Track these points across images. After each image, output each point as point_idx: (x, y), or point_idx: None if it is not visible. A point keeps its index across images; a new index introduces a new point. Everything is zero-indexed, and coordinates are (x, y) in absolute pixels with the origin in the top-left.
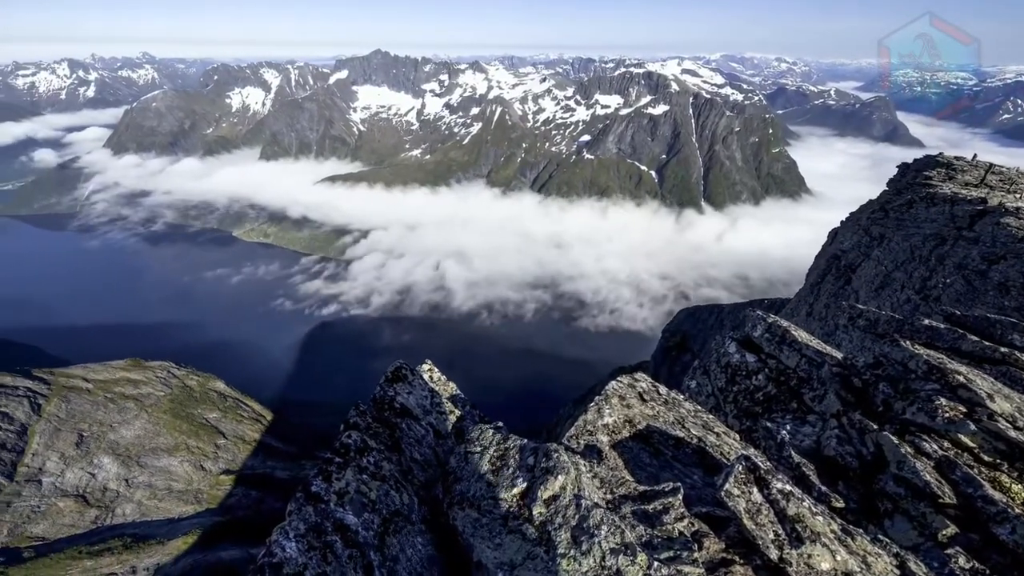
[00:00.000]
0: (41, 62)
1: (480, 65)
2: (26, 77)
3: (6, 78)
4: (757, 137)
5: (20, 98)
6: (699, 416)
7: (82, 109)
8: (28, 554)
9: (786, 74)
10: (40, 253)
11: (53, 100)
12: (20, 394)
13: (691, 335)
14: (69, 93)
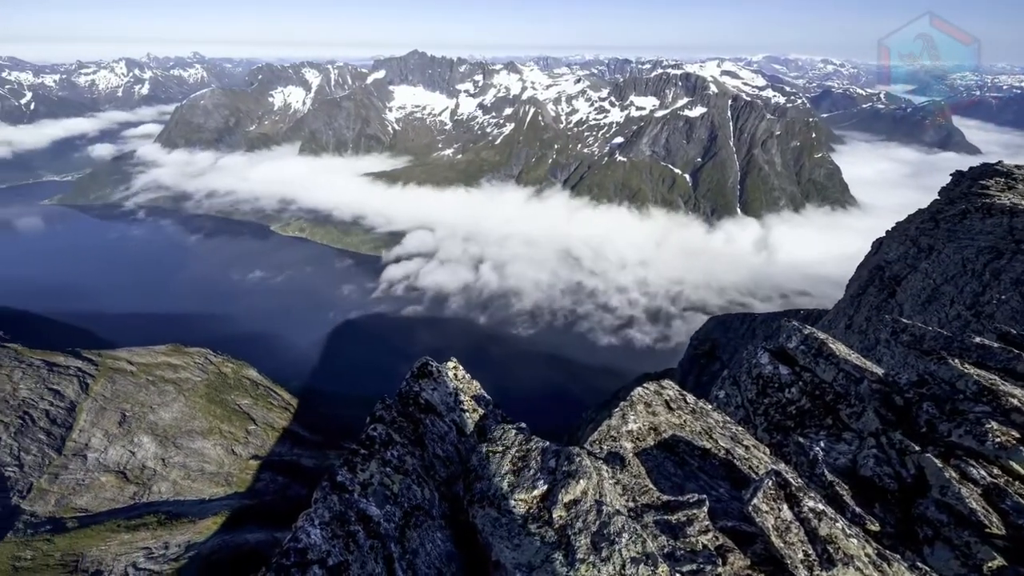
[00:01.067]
0: (101, 61)
1: (515, 66)
2: (87, 75)
3: (69, 76)
4: (799, 141)
5: (82, 95)
6: (728, 427)
7: (137, 106)
8: (72, 524)
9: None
10: (93, 241)
11: (111, 97)
12: (71, 373)
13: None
14: (125, 91)
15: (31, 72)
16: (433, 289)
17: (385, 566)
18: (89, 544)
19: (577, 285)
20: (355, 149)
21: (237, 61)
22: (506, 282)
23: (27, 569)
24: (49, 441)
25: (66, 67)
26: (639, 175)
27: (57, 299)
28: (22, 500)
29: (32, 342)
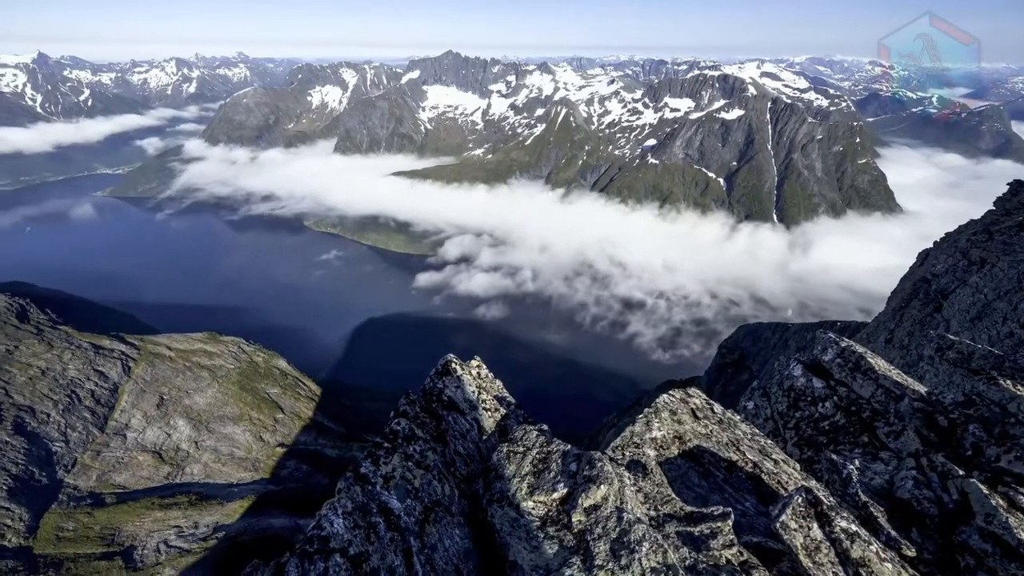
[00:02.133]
0: (153, 61)
1: (548, 66)
2: (140, 74)
3: (124, 74)
4: (842, 146)
5: (135, 93)
6: (756, 440)
7: (184, 104)
8: (110, 500)
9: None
10: (138, 232)
11: (161, 95)
12: (115, 356)
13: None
14: (174, 89)
15: (90, 71)
16: (458, 288)
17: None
18: (125, 520)
19: (603, 288)
20: (388, 148)
21: (279, 61)
22: (532, 283)
23: (69, 540)
24: (93, 420)
25: (121, 66)
26: (671, 178)
27: (104, 286)
28: (67, 474)
29: (81, 325)
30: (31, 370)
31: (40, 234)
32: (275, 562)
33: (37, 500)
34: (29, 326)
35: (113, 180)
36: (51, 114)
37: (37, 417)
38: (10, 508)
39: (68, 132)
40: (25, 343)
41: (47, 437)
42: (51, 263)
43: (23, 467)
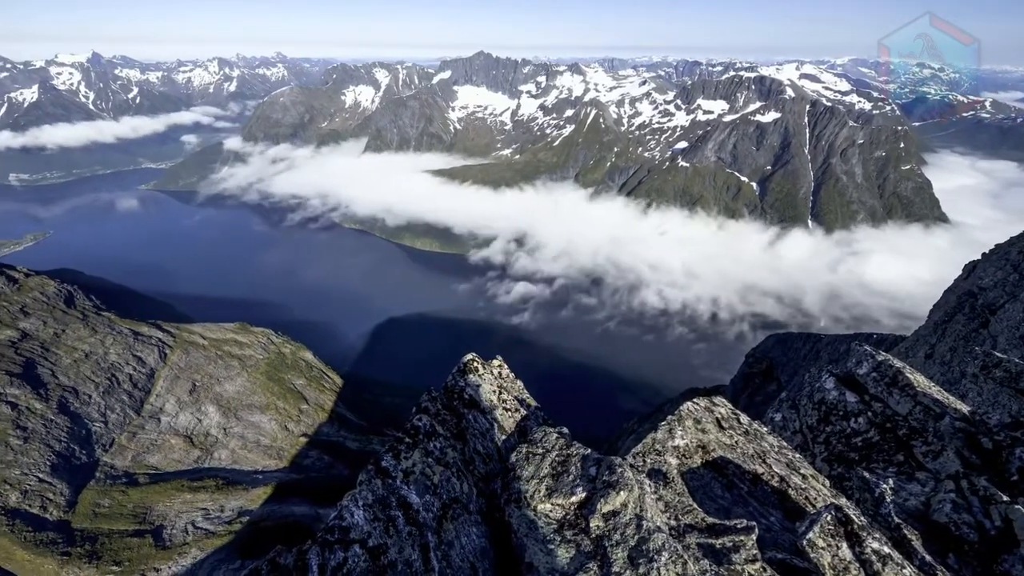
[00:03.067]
0: (197, 60)
1: (579, 67)
2: (185, 73)
3: (170, 73)
4: (884, 151)
5: (179, 91)
6: (783, 453)
7: (225, 102)
8: (143, 480)
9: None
10: (177, 225)
11: (203, 93)
12: (153, 343)
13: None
14: (216, 87)
15: (138, 70)
16: (482, 289)
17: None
18: (157, 499)
19: (628, 292)
20: (417, 147)
21: (315, 61)
22: (556, 285)
23: (104, 516)
24: (130, 402)
25: (168, 65)
26: (702, 181)
27: (144, 275)
28: (104, 453)
29: (122, 312)
30: (76, 353)
31: (87, 224)
32: (297, 549)
33: (76, 477)
34: (75, 311)
35: (157, 174)
36: (102, 111)
37: (80, 398)
38: (52, 483)
39: (117, 128)
40: (71, 327)
41: (88, 417)
42: (97, 252)
43: (65, 444)
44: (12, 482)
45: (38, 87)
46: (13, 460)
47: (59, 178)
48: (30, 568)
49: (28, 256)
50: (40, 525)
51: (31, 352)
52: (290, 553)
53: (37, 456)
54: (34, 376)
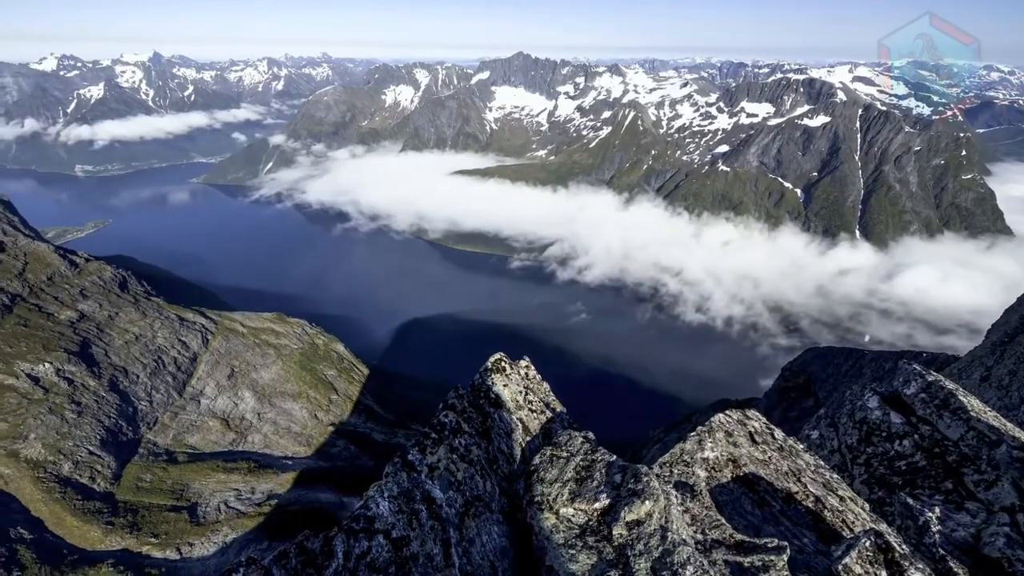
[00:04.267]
0: (248, 60)
1: (619, 68)
2: (236, 72)
3: (223, 72)
4: (943, 159)
5: (230, 89)
6: (820, 472)
7: (272, 100)
8: (182, 458)
9: (996, 85)
10: (223, 218)
11: (252, 92)
12: (196, 329)
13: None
14: (264, 86)
15: (194, 69)
16: (513, 288)
17: (442, 549)
18: (193, 478)
19: (661, 297)
20: (453, 146)
21: (359, 61)
22: (588, 288)
23: (145, 490)
24: (174, 384)
25: (221, 64)
26: (742, 187)
27: (191, 264)
28: (148, 431)
29: (170, 298)
30: (127, 335)
31: (142, 214)
32: (323, 535)
33: (122, 452)
34: (128, 296)
35: (206, 168)
36: (160, 107)
37: (128, 377)
38: (101, 456)
39: (173, 124)
40: (124, 311)
41: (135, 396)
42: (150, 241)
43: (114, 421)
44: (66, 452)
45: (104, 84)
46: (68, 432)
47: (119, 170)
48: (78, 534)
49: (88, 242)
50: (88, 495)
51: (87, 332)
52: (317, 538)
53: (88, 430)
54: (89, 355)
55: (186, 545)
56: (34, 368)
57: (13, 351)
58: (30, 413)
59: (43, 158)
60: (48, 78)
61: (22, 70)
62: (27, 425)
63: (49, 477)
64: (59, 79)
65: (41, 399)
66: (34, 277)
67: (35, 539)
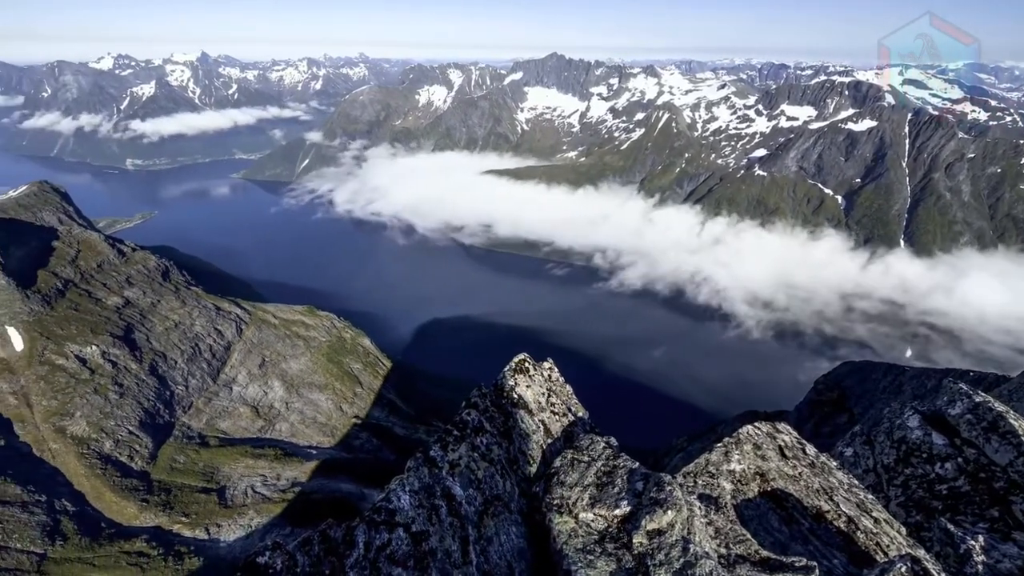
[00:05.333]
0: (289, 60)
1: (654, 69)
2: (278, 72)
3: (265, 72)
4: (1000, 167)
5: (272, 88)
6: (854, 492)
7: (310, 99)
8: (213, 442)
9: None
10: (260, 212)
11: (292, 90)
12: (231, 318)
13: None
14: (303, 86)
15: (239, 68)
16: (537, 290)
17: (461, 546)
18: (223, 462)
19: (690, 304)
20: (484, 147)
21: (394, 61)
22: (616, 294)
23: (178, 471)
24: (208, 371)
25: (263, 64)
26: (779, 192)
27: (227, 255)
28: (183, 414)
29: (208, 288)
30: (167, 322)
31: (186, 207)
32: (346, 525)
33: (159, 433)
34: (170, 284)
35: (246, 164)
36: (205, 105)
37: (167, 362)
38: (139, 436)
39: (217, 120)
40: (165, 299)
41: (172, 381)
42: (191, 232)
43: (152, 403)
44: (108, 431)
45: (155, 83)
46: (110, 412)
47: (166, 164)
48: (115, 509)
49: (136, 233)
50: (126, 472)
51: (131, 318)
52: (339, 528)
53: (129, 411)
54: (132, 340)
55: (214, 526)
56: (82, 350)
57: (64, 333)
58: (77, 392)
59: (97, 152)
60: (105, 76)
61: (82, 69)
62: (74, 404)
63: (92, 453)
64: (115, 77)
65: (87, 380)
66: (85, 264)
67: (77, 512)
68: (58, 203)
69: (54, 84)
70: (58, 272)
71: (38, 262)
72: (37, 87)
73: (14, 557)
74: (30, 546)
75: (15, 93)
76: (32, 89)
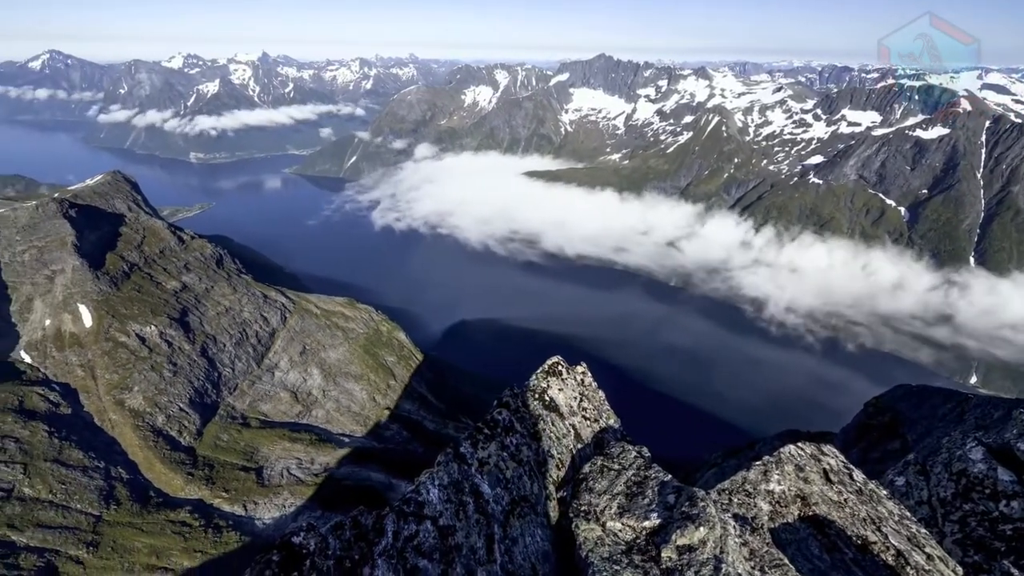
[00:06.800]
0: (343, 60)
1: (705, 71)
2: (331, 72)
3: (319, 72)
4: None
5: (325, 87)
6: (905, 524)
7: (361, 98)
8: (254, 424)
9: None
10: (308, 206)
11: (344, 90)
12: (277, 307)
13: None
14: (355, 85)
15: (295, 68)
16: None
17: (486, 544)
18: (263, 443)
19: (735, 316)
20: (526, 148)
21: (443, 62)
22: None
23: (222, 448)
24: (254, 355)
25: (318, 64)
26: (835, 201)
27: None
28: (229, 395)
29: (257, 277)
30: (219, 307)
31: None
32: (376, 513)
33: (206, 412)
34: (223, 272)
35: (298, 160)
36: (263, 103)
37: (217, 345)
38: (188, 413)
39: (273, 117)
40: (218, 285)
41: (220, 363)
42: (243, 223)
43: (202, 383)
44: (161, 406)
45: (219, 81)
46: (164, 389)
47: (225, 158)
48: (164, 480)
49: (194, 222)
50: (175, 446)
51: (187, 302)
52: (370, 515)
53: (181, 389)
54: (186, 322)
55: (251, 503)
56: (143, 329)
57: (127, 312)
58: (136, 368)
59: (164, 145)
60: (174, 74)
61: (155, 67)
62: (132, 379)
63: (146, 426)
64: (183, 75)
65: (145, 357)
66: (149, 249)
67: (130, 479)
68: (128, 192)
69: (130, 81)
70: (125, 256)
71: (108, 246)
72: (115, 84)
73: (74, 516)
74: (88, 507)
75: (97, 90)
76: (111, 86)
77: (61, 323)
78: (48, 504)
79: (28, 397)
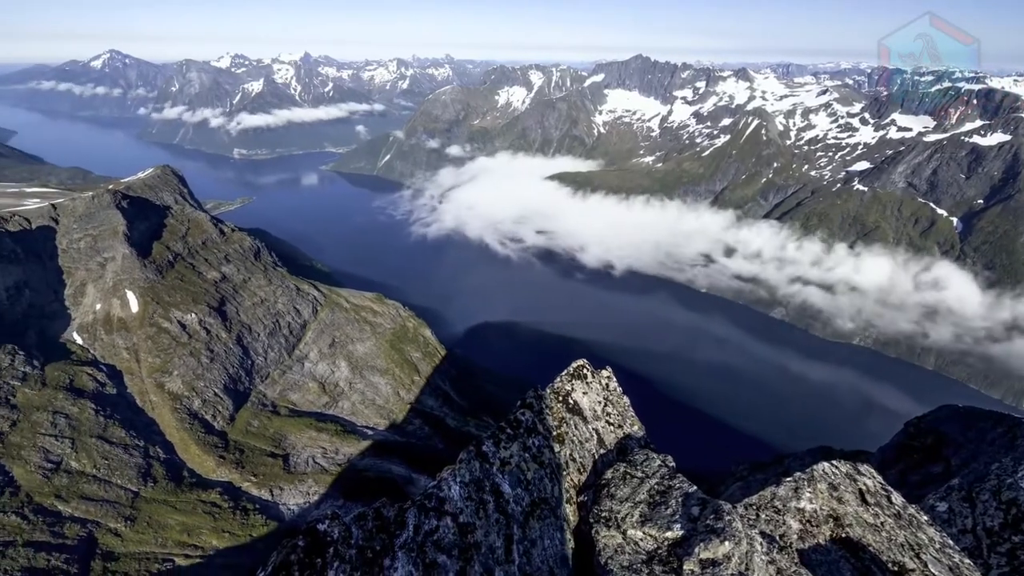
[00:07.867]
0: (380, 60)
1: (746, 73)
2: (370, 72)
3: (358, 72)
4: None
5: (363, 87)
6: (947, 552)
7: (397, 98)
8: (283, 412)
9: None
10: (341, 202)
11: (381, 89)
12: (309, 299)
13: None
14: (392, 85)
15: (335, 68)
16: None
17: (504, 543)
18: (290, 431)
19: (767, 327)
20: (558, 149)
21: (478, 62)
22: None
23: (252, 434)
24: (285, 345)
25: (357, 64)
26: (881, 210)
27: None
28: (260, 383)
29: (291, 270)
30: (255, 298)
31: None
32: (398, 506)
33: (238, 398)
34: (260, 264)
35: (335, 157)
36: (304, 101)
37: (251, 334)
38: (223, 398)
39: (312, 115)
40: (255, 276)
41: (254, 352)
42: (280, 217)
43: (236, 370)
44: (198, 391)
45: (263, 80)
46: (201, 374)
47: (266, 155)
48: (197, 462)
49: (235, 215)
50: (209, 429)
51: (225, 292)
52: (392, 507)
53: (217, 375)
54: (224, 311)
55: (278, 488)
56: (184, 316)
57: (170, 300)
58: (176, 353)
59: (211, 141)
60: (222, 74)
61: (204, 67)
62: (172, 363)
63: (183, 409)
64: (230, 75)
65: (185, 343)
66: (193, 240)
67: (167, 459)
68: (175, 185)
69: (181, 80)
70: (170, 246)
71: (155, 236)
72: (168, 82)
73: (115, 491)
74: (128, 483)
75: (151, 87)
76: (164, 84)
77: (110, 308)
78: (92, 478)
79: (78, 376)
